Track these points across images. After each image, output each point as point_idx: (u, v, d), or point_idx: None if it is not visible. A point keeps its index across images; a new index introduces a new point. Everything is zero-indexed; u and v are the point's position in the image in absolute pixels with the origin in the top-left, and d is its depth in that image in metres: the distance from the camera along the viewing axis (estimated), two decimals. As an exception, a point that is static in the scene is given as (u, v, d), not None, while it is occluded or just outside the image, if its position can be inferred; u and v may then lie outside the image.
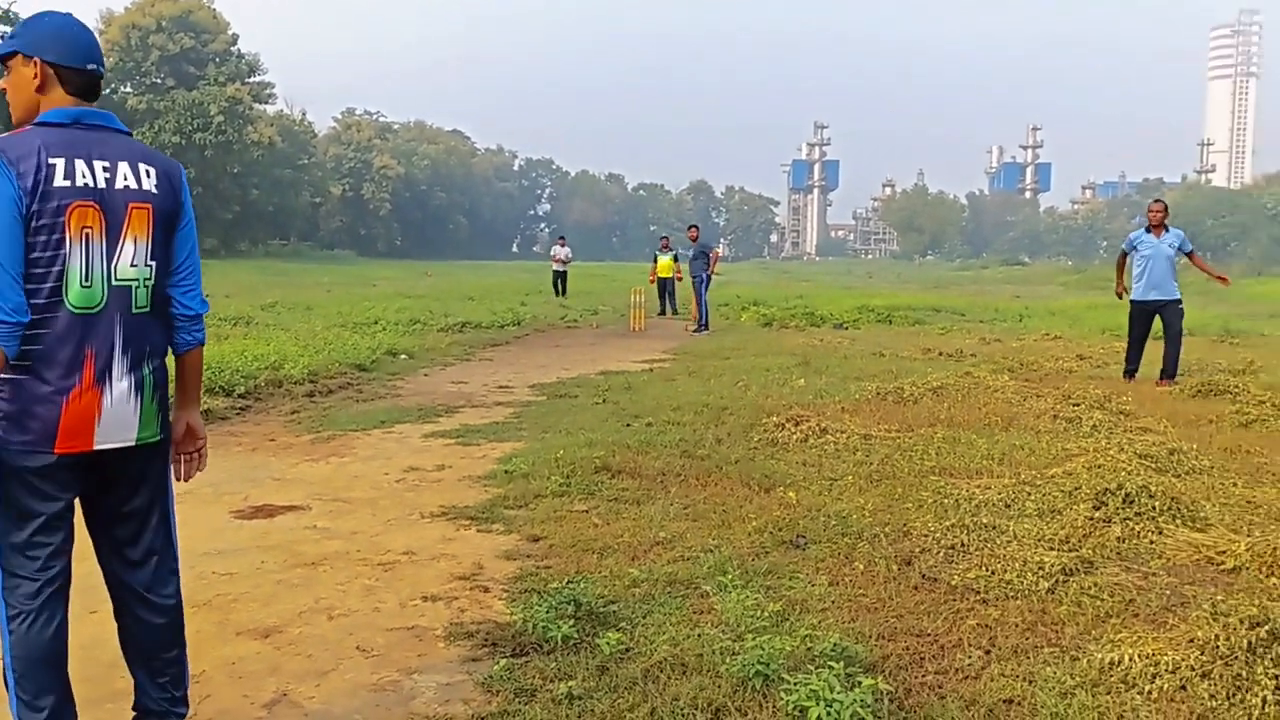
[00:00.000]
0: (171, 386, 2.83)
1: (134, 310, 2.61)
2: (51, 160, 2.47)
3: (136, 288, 2.61)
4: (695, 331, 18.38)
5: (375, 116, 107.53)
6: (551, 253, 30.70)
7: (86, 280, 2.51)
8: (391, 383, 11.31)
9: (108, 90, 63.63)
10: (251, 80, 69.84)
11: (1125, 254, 11.08)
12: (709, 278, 19.10)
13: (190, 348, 2.80)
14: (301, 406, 9.51)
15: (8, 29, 49.36)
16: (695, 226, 21.23)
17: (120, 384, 2.58)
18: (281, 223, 78.18)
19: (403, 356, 13.38)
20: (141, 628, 2.81)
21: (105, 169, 2.54)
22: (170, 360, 2.81)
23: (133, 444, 2.63)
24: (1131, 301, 10.87)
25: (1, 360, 2.41)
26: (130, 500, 2.74)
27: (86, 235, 2.51)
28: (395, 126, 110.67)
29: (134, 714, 2.89)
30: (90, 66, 2.64)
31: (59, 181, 2.47)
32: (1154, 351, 10.80)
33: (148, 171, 2.62)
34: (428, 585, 4.48)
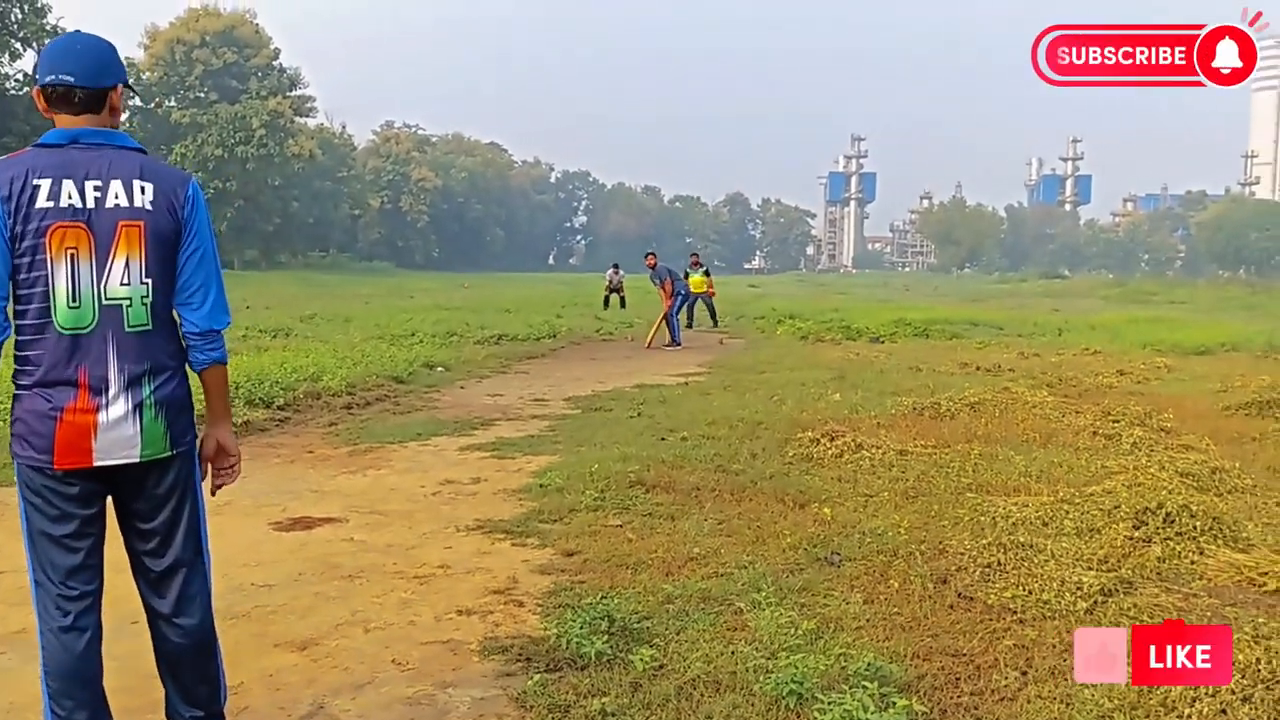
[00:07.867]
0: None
1: (128, 329, 2.58)
2: (36, 182, 2.51)
3: (129, 306, 2.57)
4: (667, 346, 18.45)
5: (414, 129, 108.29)
6: (606, 277, 30.28)
7: (74, 301, 2.54)
8: (428, 395, 11.39)
9: (151, 105, 64.88)
10: (292, 94, 70.94)
11: None
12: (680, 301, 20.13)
13: (205, 366, 2.74)
14: (339, 418, 9.60)
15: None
16: (653, 253, 21.11)
17: (116, 402, 2.57)
18: (321, 234, 79.11)
19: (439, 369, 13.47)
20: (168, 645, 2.82)
21: (97, 189, 2.54)
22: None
23: (137, 460, 2.61)
24: None
25: None
26: (152, 518, 2.72)
27: (71, 256, 2.52)
28: (433, 139, 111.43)
29: None
30: (50, 79, 2.58)
31: (41, 203, 2.50)
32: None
33: (143, 188, 2.57)
34: (463, 599, 4.51)
